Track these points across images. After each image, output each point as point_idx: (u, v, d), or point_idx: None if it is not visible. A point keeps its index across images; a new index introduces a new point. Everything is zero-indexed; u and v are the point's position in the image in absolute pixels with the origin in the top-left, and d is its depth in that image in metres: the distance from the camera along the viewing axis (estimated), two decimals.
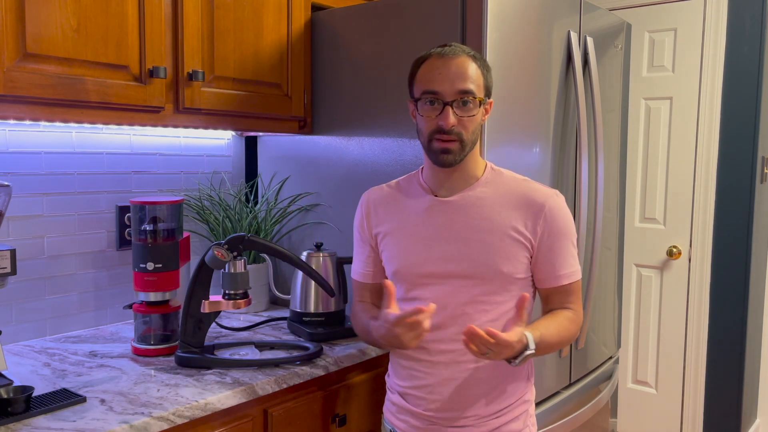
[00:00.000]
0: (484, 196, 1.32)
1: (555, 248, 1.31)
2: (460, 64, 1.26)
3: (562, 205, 1.33)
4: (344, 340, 1.76)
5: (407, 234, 1.36)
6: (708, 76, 2.86)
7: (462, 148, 1.28)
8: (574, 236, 1.34)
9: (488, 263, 1.29)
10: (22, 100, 1.36)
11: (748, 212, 2.85)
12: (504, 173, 1.37)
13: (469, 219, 1.31)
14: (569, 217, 1.34)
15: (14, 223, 1.69)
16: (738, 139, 2.85)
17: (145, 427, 1.22)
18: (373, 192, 1.45)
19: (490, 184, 1.34)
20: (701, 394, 2.98)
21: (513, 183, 1.34)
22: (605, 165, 2.08)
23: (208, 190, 2.09)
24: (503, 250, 1.29)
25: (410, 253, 1.35)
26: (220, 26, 1.71)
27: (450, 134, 1.26)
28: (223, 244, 1.53)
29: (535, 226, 1.30)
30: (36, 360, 1.56)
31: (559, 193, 1.35)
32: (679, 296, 3.01)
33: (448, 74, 1.26)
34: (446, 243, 1.32)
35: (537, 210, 1.30)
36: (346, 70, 1.92)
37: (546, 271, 1.33)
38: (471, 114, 1.26)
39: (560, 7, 1.88)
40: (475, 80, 1.26)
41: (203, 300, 1.56)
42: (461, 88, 1.25)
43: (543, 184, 1.37)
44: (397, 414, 1.41)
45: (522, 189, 1.33)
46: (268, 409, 1.49)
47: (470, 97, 1.26)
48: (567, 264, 1.33)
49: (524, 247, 1.30)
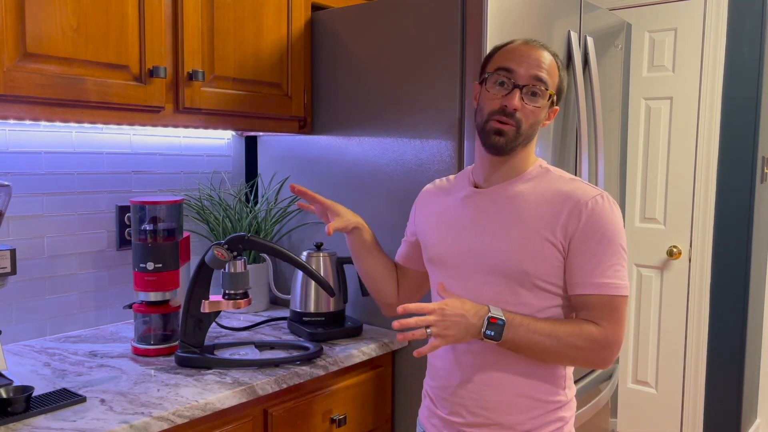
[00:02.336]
0: (523, 192, 1.26)
1: (588, 251, 1.18)
2: (543, 55, 1.24)
3: (607, 208, 1.20)
4: (344, 340, 1.76)
5: (443, 223, 1.34)
6: (708, 76, 2.86)
7: (516, 136, 1.23)
8: (618, 245, 1.19)
9: (511, 260, 1.22)
10: (22, 100, 1.36)
11: (748, 212, 2.85)
12: (552, 171, 1.29)
13: (501, 213, 1.26)
14: (614, 222, 1.20)
15: (14, 223, 1.69)
16: (738, 139, 2.85)
17: (145, 427, 1.22)
18: (428, 187, 1.47)
19: (533, 180, 1.27)
20: (701, 394, 2.98)
21: (558, 181, 1.26)
22: (605, 165, 2.08)
23: (208, 190, 2.09)
24: (530, 249, 1.21)
25: (442, 242, 1.33)
26: (220, 26, 1.71)
27: (510, 117, 1.22)
28: (223, 243, 1.53)
29: (567, 224, 1.19)
30: (36, 360, 1.56)
31: (609, 196, 1.22)
32: (679, 296, 3.01)
33: (528, 58, 1.23)
34: (474, 235, 1.28)
35: (573, 207, 1.20)
36: (346, 70, 1.92)
37: (575, 276, 1.20)
38: (537, 105, 1.23)
39: (560, 7, 1.88)
40: (551, 74, 1.24)
41: (203, 300, 1.56)
42: (536, 74, 1.22)
43: (593, 186, 1.26)
44: (429, 418, 1.38)
45: (566, 187, 1.24)
46: (268, 409, 1.49)
47: (542, 87, 1.22)
48: (602, 272, 1.18)
49: (554, 247, 1.20)
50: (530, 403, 1.26)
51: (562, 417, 1.30)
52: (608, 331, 1.19)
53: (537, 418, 1.26)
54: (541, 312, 1.23)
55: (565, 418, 1.30)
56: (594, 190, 1.23)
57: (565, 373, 1.30)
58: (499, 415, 1.26)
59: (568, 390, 1.31)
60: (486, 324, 1.17)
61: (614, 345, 1.20)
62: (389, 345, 1.77)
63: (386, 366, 1.81)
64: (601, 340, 1.19)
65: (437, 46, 1.70)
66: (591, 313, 1.20)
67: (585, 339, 1.19)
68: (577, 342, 1.19)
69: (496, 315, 1.17)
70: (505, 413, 1.26)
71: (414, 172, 1.77)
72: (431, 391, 1.38)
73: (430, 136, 1.74)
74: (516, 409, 1.26)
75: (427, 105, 1.74)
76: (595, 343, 1.19)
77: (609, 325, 1.19)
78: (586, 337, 1.18)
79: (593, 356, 1.21)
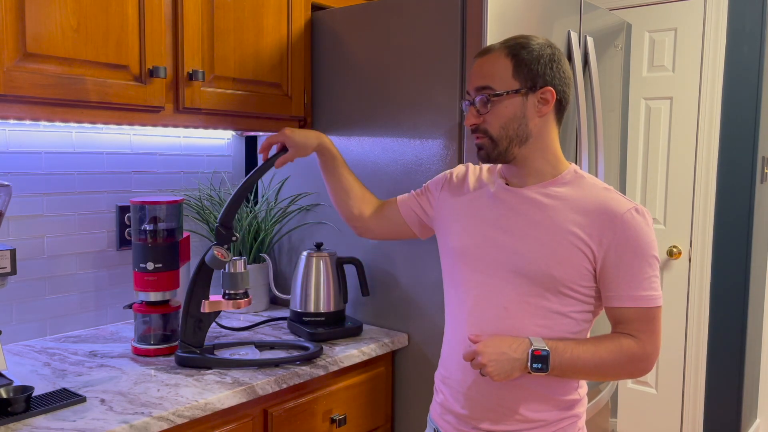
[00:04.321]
0: (556, 195, 1.24)
1: (623, 265, 1.18)
2: (484, 61, 1.24)
3: (641, 221, 1.19)
4: (344, 340, 1.76)
5: (470, 214, 1.33)
6: (708, 76, 2.86)
7: (494, 144, 1.24)
8: (652, 257, 1.20)
9: (539, 263, 1.21)
10: (22, 99, 1.36)
11: (748, 212, 2.85)
12: (586, 178, 1.27)
13: (531, 213, 1.24)
14: (648, 234, 1.20)
15: (14, 223, 1.69)
16: (738, 139, 2.85)
17: (145, 427, 1.22)
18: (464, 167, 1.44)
19: (567, 185, 1.25)
20: (701, 394, 2.98)
21: (593, 189, 1.24)
22: (605, 165, 2.08)
23: (208, 190, 2.09)
24: (558, 253, 1.20)
25: (466, 233, 1.32)
26: (220, 26, 1.71)
27: (477, 132, 1.25)
28: (217, 244, 1.53)
29: (602, 236, 1.19)
30: (36, 360, 1.56)
31: (643, 208, 1.21)
32: (679, 296, 3.01)
33: (471, 75, 1.25)
34: (502, 231, 1.26)
35: (608, 219, 1.19)
36: (346, 70, 1.92)
37: (611, 289, 1.20)
38: (488, 110, 1.23)
39: (560, 7, 1.88)
40: (498, 73, 1.22)
41: (203, 300, 1.55)
42: (477, 85, 1.24)
43: (627, 197, 1.25)
44: (443, 415, 1.36)
45: (600, 196, 1.22)
46: (268, 409, 1.49)
47: (488, 93, 1.22)
48: (638, 285, 1.19)
49: (584, 256, 1.19)
50: (547, 401, 1.26)
51: (577, 413, 1.31)
52: (646, 343, 1.20)
53: (553, 413, 1.27)
54: (561, 316, 1.23)
55: (579, 414, 1.31)
56: (629, 203, 1.22)
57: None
58: (516, 412, 1.26)
59: (581, 389, 1.32)
60: (531, 357, 1.17)
61: (652, 355, 1.22)
62: (389, 345, 1.77)
63: (386, 366, 1.81)
64: (640, 353, 1.20)
65: (437, 46, 1.70)
66: (628, 326, 1.21)
67: (625, 355, 1.20)
68: (619, 359, 1.20)
69: (539, 347, 1.17)
70: (522, 410, 1.26)
71: (414, 172, 1.77)
72: (444, 383, 1.36)
73: (430, 136, 1.74)
74: (533, 407, 1.26)
75: (427, 105, 1.74)
76: (635, 357, 1.20)
77: (646, 336, 1.20)
78: (627, 353, 1.20)
79: (633, 369, 1.22)
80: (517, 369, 1.17)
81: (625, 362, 1.20)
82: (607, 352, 1.19)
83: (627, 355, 1.20)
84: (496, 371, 1.16)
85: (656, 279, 1.20)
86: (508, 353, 1.17)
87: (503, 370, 1.17)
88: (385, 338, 1.77)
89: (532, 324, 1.22)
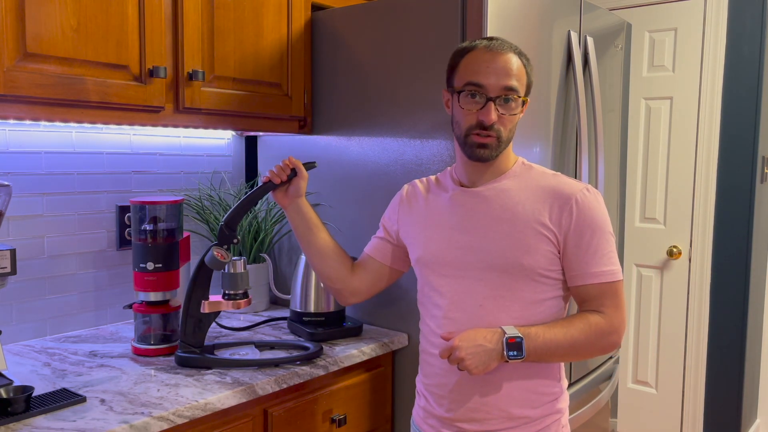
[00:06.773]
0: (510, 188, 1.28)
1: (583, 244, 1.24)
2: (508, 60, 1.24)
3: (593, 200, 1.26)
4: (344, 340, 1.76)
5: (431, 223, 1.35)
6: (708, 76, 2.86)
7: (499, 145, 1.26)
8: (608, 233, 1.26)
9: (507, 255, 1.24)
10: (22, 99, 1.36)
11: (748, 212, 2.85)
12: (534, 167, 1.33)
13: (491, 209, 1.28)
14: (602, 212, 1.26)
15: (14, 223, 1.69)
16: (738, 139, 2.85)
17: (145, 427, 1.22)
18: (411, 186, 1.45)
19: (517, 177, 1.30)
20: (701, 394, 2.98)
21: (542, 177, 1.30)
22: (605, 165, 2.08)
23: (208, 189, 2.09)
24: (524, 243, 1.24)
25: (431, 241, 1.33)
26: (220, 26, 1.71)
27: (489, 130, 1.24)
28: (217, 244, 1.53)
29: (560, 219, 1.24)
30: (36, 360, 1.56)
31: (593, 188, 1.28)
32: (679, 296, 3.01)
33: (495, 69, 1.23)
34: (465, 233, 1.29)
35: (563, 202, 1.24)
36: (346, 70, 1.92)
37: (574, 268, 1.25)
38: (513, 113, 1.25)
39: (560, 7, 1.88)
40: (519, 78, 1.24)
41: (203, 300, 1.55)
42: (507, 85, 1.23)
43: (575, 179, 1.32)
44: (426, 419, 1.37)
45: (551, 182, 1.28)
46: (268, 409, 1.49)
47: (514, 95, 1.23)
48: (598, 261, 1.24)
49: (548, 240, 1.24)
50: (529, 396, 1.29)
51: (560, 409, 1.33)
52: (613, 317, 1.25)
53: (536, 409, 1.29)
54: (536, 305, 1.26)
55: (561, 410, 1.34)
56: (579, 184, 1.28)
57: (559, 365, 1.34)
58: (500, 409, 1.28)
59: (562, 381, 1.35)
60: (506, 346, 1.19)
61: (620, 328, 1.26)
62: (389, 345, 1.77)
63: (386, 366, 1.81)
64: (608, 328, 1.24)
65: (437, 46, 1.70)
66: (594, 302, 1.26)
67: (595, 331, 1.24)
68: (589, 336, 1.23)
69: (513, 334, 1.20)
70: (505, 407, 1.28)
71: (414, 172, 1.77)
72: (427, 389, 1.37)
73: (430, 136, 1.74)
74: (516, 403, 1.28)
75: (427, 105, 1.74)
76: (604, 332, 1.24)
77: (612, 310, 1.25)
78: (596, 329, 1.24)
79: (605, 344, 1.26)
80: (494, 359, 1.19)
81: (596, 338, 1.24)
82: (578, 332, 1.23)
83: (596, 331, 1.24)
84: (474, 364, 1.18)
85: (614, 254, 1.26)
86: (484, 344, 1.19)
87: (481, 362, 1.18)
88: (385, 338, 1.77)
89: (508, 317, 1.25)
